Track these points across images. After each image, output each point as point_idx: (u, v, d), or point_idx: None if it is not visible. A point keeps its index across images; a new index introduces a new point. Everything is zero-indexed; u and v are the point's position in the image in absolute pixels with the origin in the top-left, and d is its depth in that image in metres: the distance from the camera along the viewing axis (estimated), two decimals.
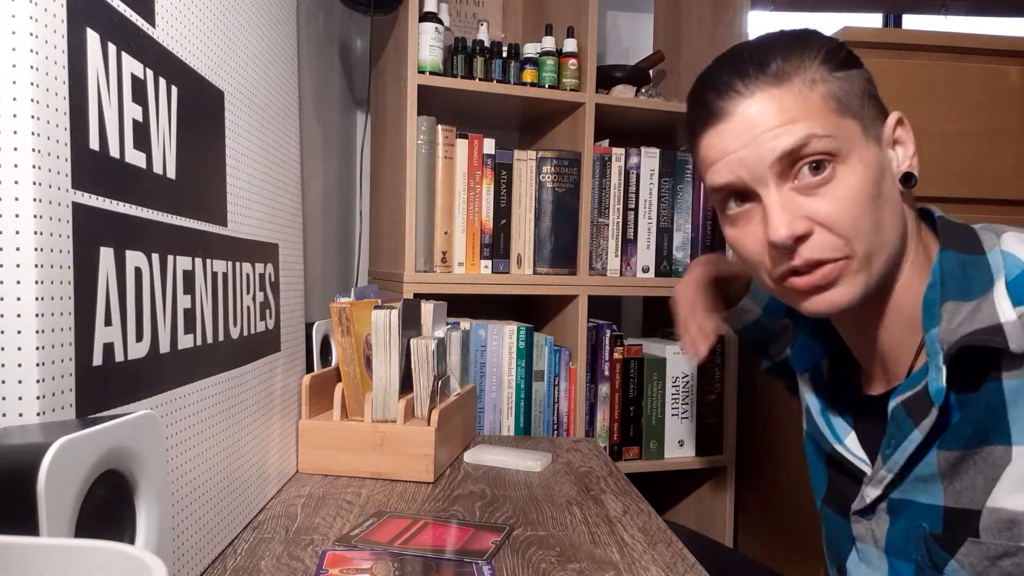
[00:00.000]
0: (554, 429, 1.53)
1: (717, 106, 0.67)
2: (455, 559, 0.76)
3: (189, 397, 0.69)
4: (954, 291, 0.65)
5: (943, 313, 0.65)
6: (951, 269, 0.66)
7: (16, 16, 0.46)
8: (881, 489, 0.72)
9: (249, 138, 0.88)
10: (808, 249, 0.65)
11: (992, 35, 1.39)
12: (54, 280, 0.48)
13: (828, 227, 0.64)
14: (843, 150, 0.64)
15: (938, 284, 0.66)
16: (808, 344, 0.83)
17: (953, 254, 0.67)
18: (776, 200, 0.65)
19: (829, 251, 0.64)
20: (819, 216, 0.64)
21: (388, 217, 1.56)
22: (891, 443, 0.70)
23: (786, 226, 0.64)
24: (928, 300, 0.67)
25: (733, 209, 0.70)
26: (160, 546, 0.48)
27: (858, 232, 0.64)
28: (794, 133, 0.63)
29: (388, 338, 1.07)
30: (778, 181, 0.65)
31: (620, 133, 1.73)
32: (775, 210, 0.65)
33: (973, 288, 0.65)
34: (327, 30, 1.55)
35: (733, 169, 0.66)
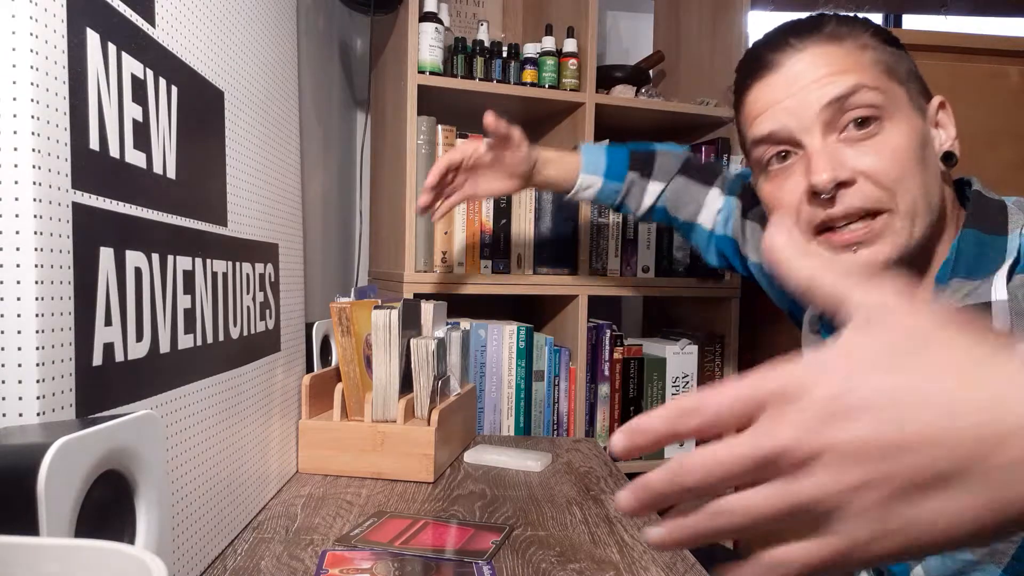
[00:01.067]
0: (554, 429, 1.53)
1: (768, 58, 0.68)
2: (455, 559, 0.76)
3: (189, 397, 0.69)
4: (963, 270, 0.65)
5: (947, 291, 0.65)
6: (967, 248, 0.66)
7: (16, 16, 0.46)
8: None
9: (249, 138, 0.88)
10: (850, 196, 0.64)
11: (992, 35, 1.40)
12: (54, 280, 0.48)
13: (872, 177, 0.64)
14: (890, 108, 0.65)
15: (952, 261, 0.66)
16: None
17: (973, 233, 0.67)
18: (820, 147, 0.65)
19: (872, 200, 0.64)
20: (863, 166, 0.64)
21: (388, 217, 1.56)
22: None
23: (829, 170, 0.63)
24: (939, 277, 0.67)
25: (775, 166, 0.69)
26: (160, 546, 0.48)
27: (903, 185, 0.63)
28: (843, 82, 0.64)
29: (388, 338, 1.07)
30: (824, 131, 0.65)
31: (620, 133, 1.73)
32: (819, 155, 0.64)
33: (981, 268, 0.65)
34: (327, 30, 1.55)
35: (779, 117, 0.67)
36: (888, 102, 0.65)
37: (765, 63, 0.68)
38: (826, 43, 0.66)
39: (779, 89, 0.67)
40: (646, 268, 1.59)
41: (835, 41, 0.66)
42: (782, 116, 0.67)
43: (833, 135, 0.65)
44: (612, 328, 1.58)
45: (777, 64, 0.68)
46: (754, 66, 0.70)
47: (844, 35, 0.67)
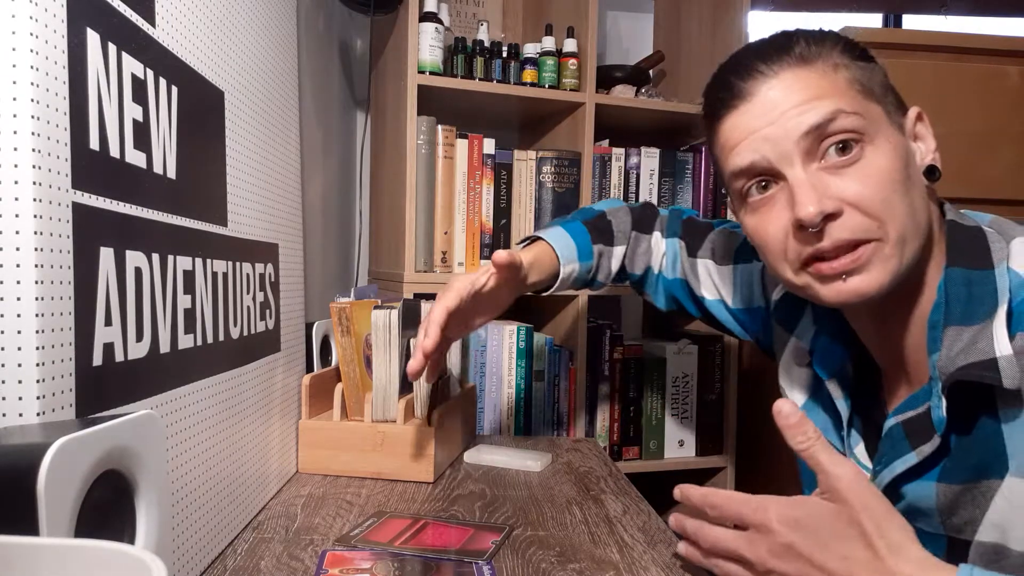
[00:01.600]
0: (554, 429, 1.53)
1: (739, 88, 0.65)
2: (455, 559, 0.76)
3: (189, 397, 0.69)
4: (957, 314, 0.62)
5: (944, 338, 0.62)
6: (955, 288, 0.63)
7: (16, 16, 0.46)
8: None
9: (249, 138, 0.88)
10: (838, 229, 0.61)
11: (992, 35, 1.40)
12: (54, 280, 0.48)
13: (858, 206, 0.61)
14: (870, 130, 0.62)
15: (942, 305, 0.63)
16: (830, 346, 0.78)
17: (959, 271, 0.64)
18: (803, 178, 0.62)
19: (860, 231, 0.61)
20: (848, 195, 0.61)
21: (388, 217, 1.56)
22: (882, 460, 0.68)
23: (815, 203, 0.61)
24: (932, 322, 0.64)
25: (755, 196, 0.67)
26: (160, 546, 0.48)
27: (890, 212, 0.61)
28: (820, 109, 0.62)
29: (388, 338, 1.07)
30: (804, 159, 0.63)
31: (620, 133, 1.73)
32: (803, 187, 0.62)
33: (976, 312, 0.62)
34: (327, 30, 1.56)
35: (757, 147, 0.64)
36: (867, 124, 0.62)
37: (736, 92, 0.66)
38: (797, 66, 0.63)
39: (755, 118, 0.64)
40: None
41: (806, 64, 0.64)
42: (760, 146, 0.64)
43: (814, 163, 0.63)
44: (612, 328, 1.58)
45: (749, 93, 0.65)
46: (724, 96, 0.67)
47: (814, 56, 0.64)
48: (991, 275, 0.63)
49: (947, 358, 0.62)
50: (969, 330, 0.62)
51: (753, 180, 0.66)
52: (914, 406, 0.66)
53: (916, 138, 0.68)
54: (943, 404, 0.62)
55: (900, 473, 0.66)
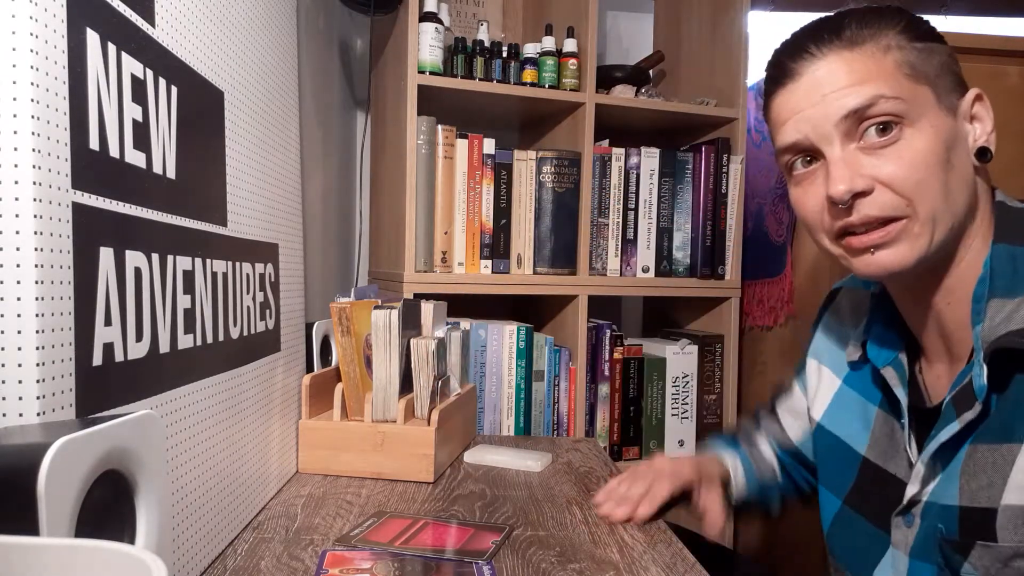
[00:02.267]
0: (554, 429, 1.53)
1: (788, 67, 0.69)
2: (455, 559, 0.76)
3: (189, 397, 0.69)
4: (1001, 287, 0.65)
5: (988, 310, 0.65)
6: (1001, 263, 0.66)
7: (16, 16, 0.46)
8: (918, 486, 0.71)
9: (249, 138, 0.88)
10: (866, 206, 0.65)
11: (992, 35, 1.39)
12: (54, 280, 0.48)
13: (890, 186, 0.64)
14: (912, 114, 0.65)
15: (987, 279, 0.66)
16: (884, 334, 0.80)
17: (1004, 247, 0.67)
18: (839, 156, 0.66)
19: (889, 209, 0.64)
20: (881, 175, 0.64)
21: (388, 217, 1.56)
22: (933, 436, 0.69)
23: (846, 181, 0.64)
24: (976, 295, 0.67)
25: (799, 170, 0.71)
26: (160, 546, 0.48)
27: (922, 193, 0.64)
28: (862, 93, 0.64)
29: (388, 338, 1.07)
30: (843, 140, 0.66)
31: (620, 133, 1.73)
32: (838, 166, 0.65)
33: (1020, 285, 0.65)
34: (327, 30, 1.56)
35: (800, 127, 0.68)
36: (910, 108, 0.65)
37: (786, 71, 0.69)
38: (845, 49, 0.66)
39: (800, 98, 0.68)
40: (646, 268, 1.59)
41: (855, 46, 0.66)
42: (803, 126, 0.68)
43: (852, 143, 0.66)
44: (612, 328, 1.58)
45: (797, 72, 0.68)
46: (776, 73, 0.71)
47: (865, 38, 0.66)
48: None
49: (989, 328, 0.64)
50: (1012, 302, 0.64)
51: (798, 155, 0.70)
52: (961, 380, 0.68)
53: (973, 119, 0.70)
54: (984, 372, 0.64)
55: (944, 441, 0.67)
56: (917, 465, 0.70)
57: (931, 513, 0.69)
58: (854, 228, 0.67)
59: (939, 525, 0.68)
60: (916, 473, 0.71)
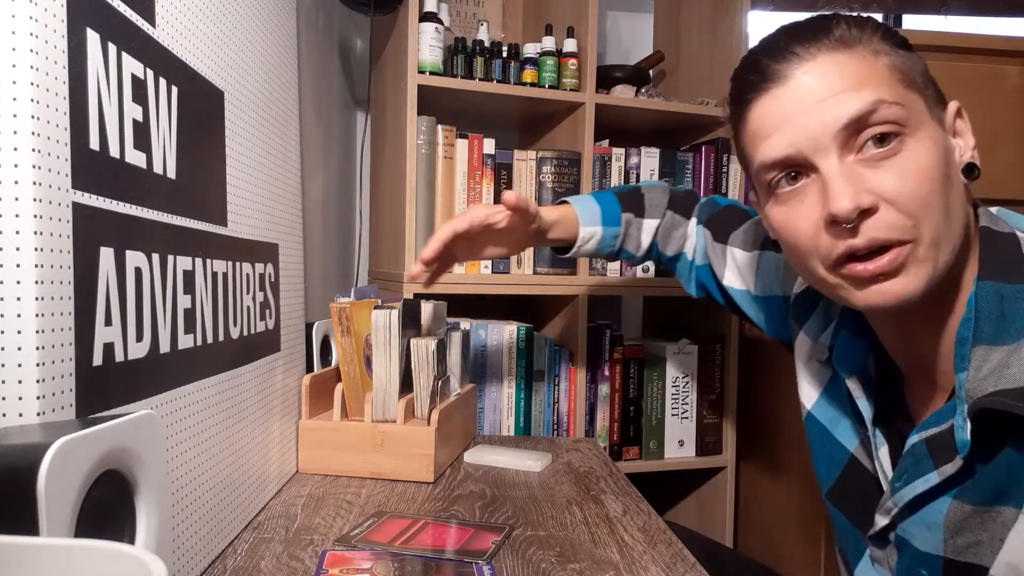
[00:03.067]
0: (554, 429, 1.53)
1: (773, 70, 0.61)
2: (455, 559, 0.76)
3: (189, 397, 0.69)
4: (988, 333, 0.59)
5: (972, 357, 0.59)
6: (987, 305, 0.60)
7: (16, 16, 0.46)
8: (889, 519, 0.68)
9: (249, 138, 0.88)
10: (872, 228, 0.58)
11: (992, 35, 1.40)
12: (54, 280, 0.48)
13: (895, 203, 0.57)
14: (911, 122, 0.59)
15: (972, 321, 0.60)
16: (852, 342, 0.74)
17: (991, 285, 0.60)
18: (838, 171, 0.58)
19: (897, 231, 0.57)
20: (886, 191, 0.57)
21: (388, 217, 1.56)
22: (903, 477, 0.66)
23: (850, 197, 0.57)
24: (961, 337, 0.60)
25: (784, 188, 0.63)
26: (160, 546, 0.48)
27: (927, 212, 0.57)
28: (862, 98, 0.58)
29: (388, 338, 1.07)
30: (841, 152, 0.59)
31: (620, 133, 1.73)
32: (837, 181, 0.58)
33: (1008, 331, 0.58)
34: (327, 30, 1.56)
35: (792, 139, 0.60)
36: (909, 115, 0.58)
37: (769, 75, 0.61)
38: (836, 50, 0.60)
39: (788, 106, 0.60)
40: (646, 268, 1.59)
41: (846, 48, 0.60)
42: (796, 138, 0.60)
43: (850, 156, 0.59)
44: (612, 328, 1.58)
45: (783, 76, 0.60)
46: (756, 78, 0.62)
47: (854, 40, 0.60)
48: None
49: (974, 380, 0.59)
50: (999, 351, 0.58)
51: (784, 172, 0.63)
52: (938, 423, 0.63)
53: (956, 134, 0.64)
54: (968, 427, 0.59)
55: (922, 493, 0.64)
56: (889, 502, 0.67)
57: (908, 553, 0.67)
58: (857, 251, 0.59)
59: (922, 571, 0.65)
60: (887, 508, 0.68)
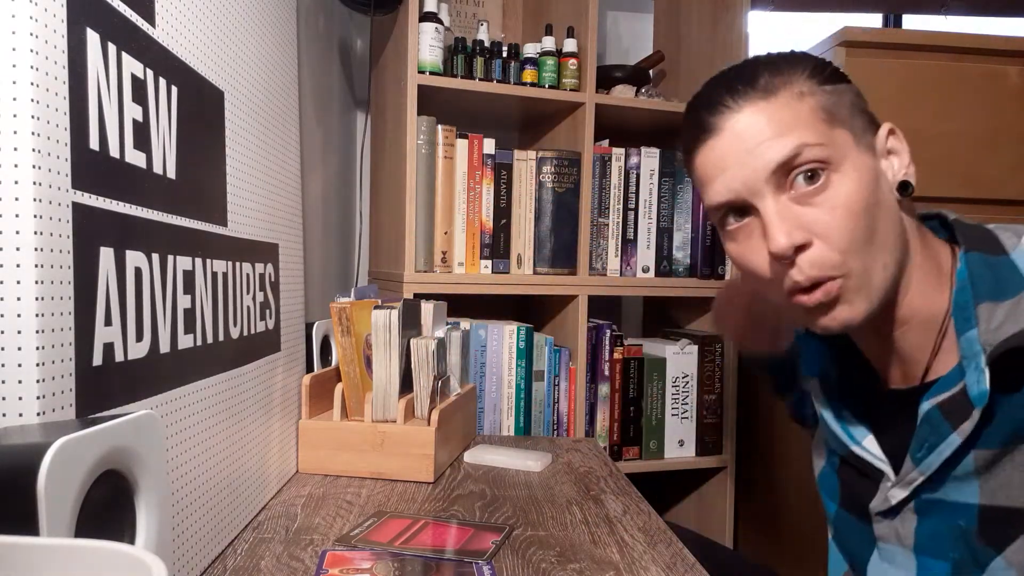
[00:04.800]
0: (554, 429, 1.53)
1: (708, 122, 0.68)
2: (455, 559, 0.76)
3: (189, 397, 0.69)
4: (986, 292, 0.65)
5: (980, 314, 0.64)
6: (979, 270, 0.66)
7: (16, 16, 0.46)
8: (910, 491, 0.71)
9: (249, 138, 0.88)
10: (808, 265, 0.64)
11: (992, 35, 1.39)
12: (54, 280, 0.48)
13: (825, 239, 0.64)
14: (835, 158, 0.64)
15: (968, 286, 0.66)
16: (816, 348, 0.82)
17: (978, 255, 0.67)
18: (774, 211, 0.65)
19: (828, 268, 0.64)
20: (816, 227, 0.64)
21: (388, 217, 1.56)
22: (924, 446, 0.68)
23: (785, 235, 0.63)
24: (960, 302, 0.66)
25: (732, 224, 0.69)
26: (160, 546, 0.48)
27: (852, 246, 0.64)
28: (786, 144, 0.64)
29: (388, 338, 1.07)
30: (775, 192, 0.65)
31: (620, 133, 1.74)
32: (773, 221, 0.65)
33: (1007, 288, 0.64)
34: (327, 30, 1.56)
35: (730, 185, 0.67)
36: (833, 152, 0.64)
37: (705, 126, 0.68)
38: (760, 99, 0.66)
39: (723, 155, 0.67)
40: (646, 268, 1.59)
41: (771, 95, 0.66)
42: (733, 184, 0.66)
43: (784, 194, 0.65)
44: (612, 328, 1.58)
45: (717, 127, 0.67)
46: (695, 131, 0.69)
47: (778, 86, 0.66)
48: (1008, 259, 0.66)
49: (988, 331, 0.63)
50: (1004, 304, 0.64)
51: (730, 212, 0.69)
52: (948, 387, 0.67)
53: (889, 154, 0.70)
54: (986, 377, 0.63)
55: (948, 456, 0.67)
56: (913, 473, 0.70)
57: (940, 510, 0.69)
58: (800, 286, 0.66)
59: (959, 522, 0.67)
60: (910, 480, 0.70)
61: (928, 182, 1.32)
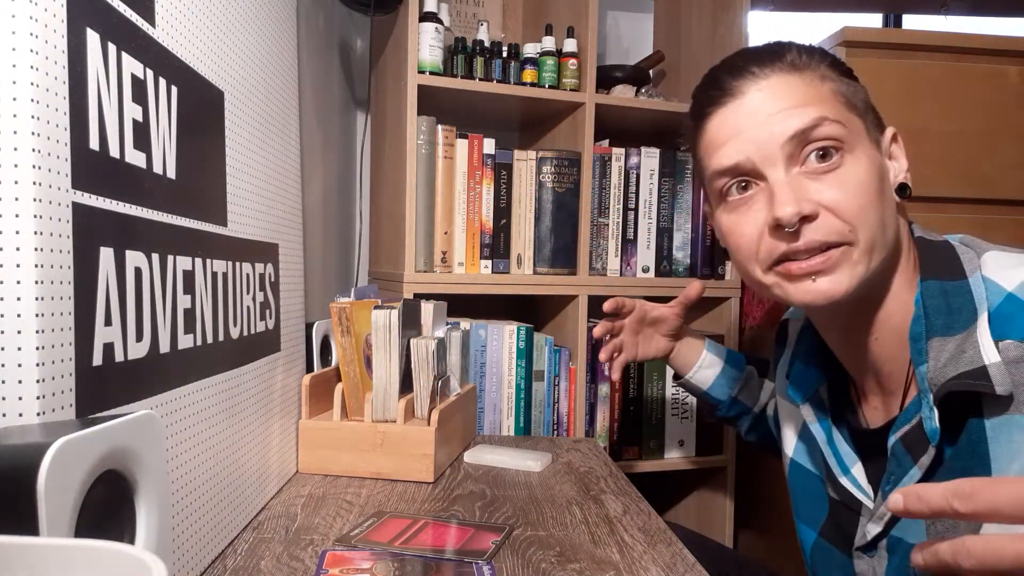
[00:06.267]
0: (554, 429, 1.53)
1: (731, 85, 0.68)
2: (455, 559, 0.76)
3: (189, 397, 0.69)
4: (939, 325, 0.65)
5: (930, 350, 0.64)
6: (934, 301, 0.65)
7: (16, 16, 0.46)
8: (882, 526, 0.70)
9: (249, 138, 0.88)
10: (812, 231, 0.64)
11: (992, 35, 1.39)
12: (54, 280, 0.48)
13: (834, 211, 0.64)
14: (851, 140, 0.65)
15: (923, 317, 0.65)
16: (804, 371, 0.81)
17: (934, 283, 0.66)
18: (784, 180, 0.65)
19: (834, 234, 0.64)
20: (825, 200, 0.64)
21: (388, 217, 1.56)
22: (890, 479, 0.68)
23: (793, 204, 0.63)
24: (914, 334, 0.66)
25: (734, 196, 0.69)
26: (160, 546, 0.48)
27: (864, 220, 0.64)
28: (806, 115, 0.64)
29: (388, 338, 1.07)
30: (787, 163, 0.65)
31: (620, 133, 1.73)
32: (783, 189, 0.64)
33: (957, 321, 0.64)
34: (327, 30, 1.55)
35: (742, 148, 0.66)
36: (849, 134, 0.65)
37: (727, 90, 0.68)
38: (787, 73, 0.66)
39: (742, 118, 0.67)
40: (646, 268, 1.59)
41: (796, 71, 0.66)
42: (746, 147, 0.66)
43: (796, 167, 0.65)
44: None
45: (739, 92, 0.67)
46: (715, 93, 0.69)
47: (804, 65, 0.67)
48: (965, 285, 0.65)
49: (935, 369, 0.63)
50: (952, 340, 0.63)
51: (734, 180, 0.69)
52: (907, 420, 0.67)
53: (891, 157, 0.70)
54: (935, 415, 0.63)
55: None
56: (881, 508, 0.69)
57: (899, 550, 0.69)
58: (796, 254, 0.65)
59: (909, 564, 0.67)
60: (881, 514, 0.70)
61: (928, 181, 1.32)
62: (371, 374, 1.08)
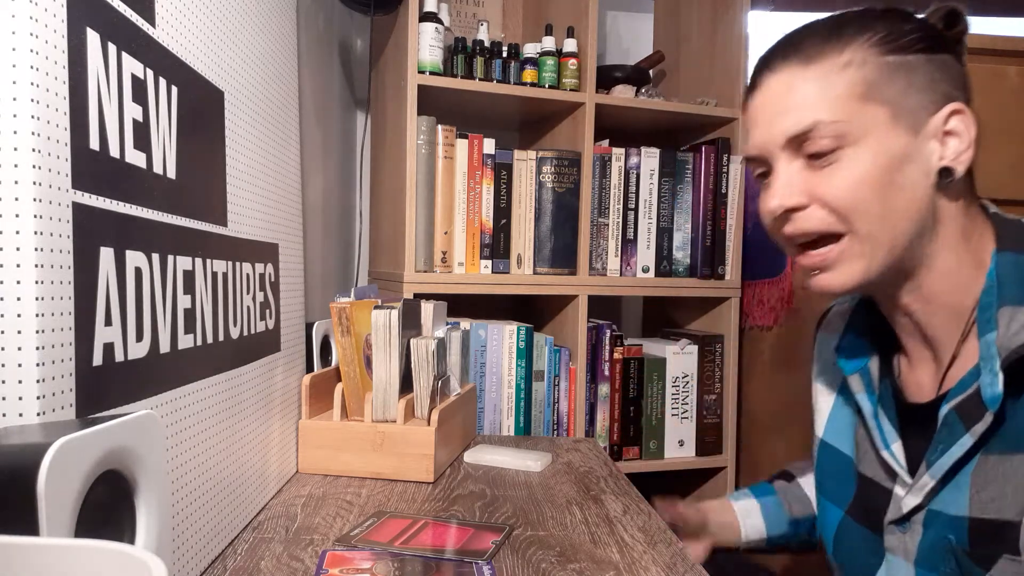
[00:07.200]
0: (554, 429, 1.53)
1: (755, 76, 0.71)
2: (455, 559, 0.76)
3: (189, 397, 0.69)
4: (1012, 295, 0.65)
5: (1000, 318, 0.64)
6: (1008, 272, 0.66)
7: (16, 16, 0.46)
8: (921, 497, 0.69)
9: (249, 138, 0.88)
10: (802, 220, 0.67)
11: (992, 35, 1.39)
12: (54, 280, 0.48)
13: (826, 204, 0.66)
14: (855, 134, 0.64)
15: (995, 287, 0.66)
16: (855, 342, 0.80)
17: (1009, 256, 0.67)
18: (781, 172, 0.68)
19: (824, 225, 0.66)
20: (818, 192, 0.66)
21: (388, 217, 1.56)
22: (939, 448, 0.68)
23: (779, 198, 0.67)
24: (984, 304, 0.66)
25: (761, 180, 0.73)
26: (160, 546, 0.48)
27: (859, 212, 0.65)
28: (800, 121, 0.66)
29: (388, 338, 1.07)
30: (788, 156, 0.68)
31: (620, 133, 1.73)
32: (776, 181, 0.68)
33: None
34: (327, 30, 1.55)
35: (753, 142, 0.71)
36: (853, 129, 0.64)
37: (754, 80, 0.71)
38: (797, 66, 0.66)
39: (757, 111, 0.70)
40: (646, 268, 1.59)
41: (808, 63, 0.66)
42: (755, 140, 0.70)
43: (796, 159, 0.68)
44: (612, 328, 1.58)
45: (757, 85, 0.70)
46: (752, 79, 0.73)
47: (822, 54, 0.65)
48: None
49: (1005, 336, 0.64)
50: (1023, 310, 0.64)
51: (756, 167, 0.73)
52: (963, 389, 0.67)
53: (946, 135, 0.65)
54: (999, 381, 0.63)
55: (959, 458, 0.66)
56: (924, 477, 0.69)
57: (937, 522, 0.68)
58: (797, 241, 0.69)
59: (949, 536, 0.66)
60: (922, 485, 0.69)
61: None
62: (371, 374, 1.08)
